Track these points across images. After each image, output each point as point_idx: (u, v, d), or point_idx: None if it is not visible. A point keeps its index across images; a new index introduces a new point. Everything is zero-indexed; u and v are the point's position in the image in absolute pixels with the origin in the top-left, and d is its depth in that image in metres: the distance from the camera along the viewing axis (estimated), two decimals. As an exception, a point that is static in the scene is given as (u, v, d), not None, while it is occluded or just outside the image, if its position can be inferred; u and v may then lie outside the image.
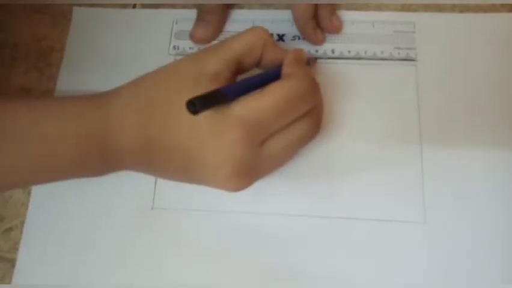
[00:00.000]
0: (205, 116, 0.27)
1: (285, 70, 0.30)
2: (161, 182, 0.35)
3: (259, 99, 0.27)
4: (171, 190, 0.35)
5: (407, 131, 0.35)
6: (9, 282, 0.34)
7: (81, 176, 0.31)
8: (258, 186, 0.34)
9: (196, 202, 0.34)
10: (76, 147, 0.28)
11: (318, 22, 0.37)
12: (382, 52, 0.37)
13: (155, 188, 0.35)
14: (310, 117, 0.30)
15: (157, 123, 0.28)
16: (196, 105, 0.25)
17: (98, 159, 0.29)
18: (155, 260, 0.33)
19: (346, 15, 0.38)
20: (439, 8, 0.38)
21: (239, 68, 0.30)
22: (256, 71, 0.32)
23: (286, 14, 0.38)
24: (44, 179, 0.30)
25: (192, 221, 0.34)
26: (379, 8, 0.38)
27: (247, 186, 0.29)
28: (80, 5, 0.41)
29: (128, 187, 0.35)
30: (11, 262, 0.34)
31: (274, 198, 0.34)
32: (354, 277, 0.32)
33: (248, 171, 0.28)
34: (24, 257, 0.34)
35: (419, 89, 0.36)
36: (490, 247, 0.32)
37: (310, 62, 0.35)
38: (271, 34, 0.31)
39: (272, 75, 0.30)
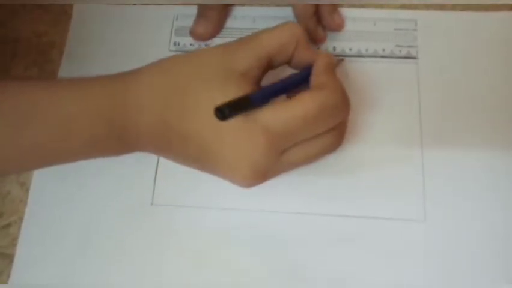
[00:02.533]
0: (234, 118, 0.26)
1: (317, 79, 0.29)
2: (160, 178, 0.35)
3: (288, 109, 0.27)
4: (171, 186, 0.35)
5: (407, 129, 0.35)
6: (7, 278, 0.34)
7: (97, 156, 0.30)
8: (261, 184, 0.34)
9: (195, 199, 0.34)
10: (95, 127, 0.28)
11: (320, 20, 0.37)
12: (383, 50, 0.37)
13: (154, 184, 0.35)
14: (336, 131, 0.29)
15: (176, 109, 0.28)
16: (225, 112, 0.25)
17: (116, 139, 0.29)
18: (154, 256, 0.33)
19: (347, 13, 0.38)
20: (440, 6, 0.38)
21: (269, 65, 0.30)
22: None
23: (288, 12, 0.38)
24: (60, 159, 0.30)
25: (191, 218, 0.34)
26: (380, 5, 0.38)
27: (260, 184, 0.29)
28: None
29: (127, 183, 0.35)
30: (9, 258, 0.34)
31: (274, 197, 0.34)
32: (355, 275, 0.32)
33: (265, 173, 0.28)
34: (22, 252, 0.34)
35: (420, 87, 0.36)
36: (489, 246, 0.32)
37: (337, 62, 0.35)
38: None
39: (300, 78, 0.29)
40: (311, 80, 0.29)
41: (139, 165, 0.35)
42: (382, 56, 0.37)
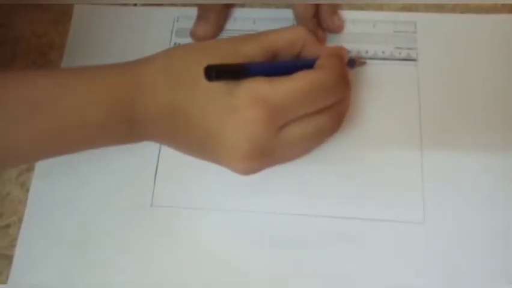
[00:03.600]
0: (230, 92, 0.28)
1: (319, 61, 0.30)
2: (160, 179, 0.35)
3: (285, 82, 0.28)
4: (170, 187, 0.35)
5: (407, 131, 0.35)
6: (7, 279, 0.33)
7: (106, 143, 0.31)
8: (259, 184, 0.34)
9: (195, 200, 0.34)
10: (104, 112, 0.29)
11: (320, 22, 0.37)
12: (383, 52, 0.37)
13: (154, 185, 0.35)
14: (333, 112, 0.30)
15: (183, 91, 0.29)
16: (212, 71, 0.26)
17: (125, 123, 0.30)
18: (153, 257, 0.33)
19: (347, 15, 0.38)
20: (440, 8, 0.38)
21: (274, 59, 0.31)
22: None
23: (288, 13, 0.38)
24: (70, 147, 0.31)
25: (191, 219, 0.34)
26: (380, 7, 0.38)
27: (257, 171, 0.29)
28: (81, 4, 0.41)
29: (127, 184, 0.35)
30: (9, 259, 0.34)
31: (274, 197, 0.34)
32: (354, 276, 0.32)
33: (263, 153, 0.28)
34: (21, 253, 0.34)
35: (420, 89, 0.36)
36: (489, 247, 0.32)
37: (356, 62, 0.35)
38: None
39: (305, 65, 0.30)
40: (315, 64, 0.30)
41: (138, 166, 0.35)
42: (382, 58, 0.37)
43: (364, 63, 0.37)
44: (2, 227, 0.35)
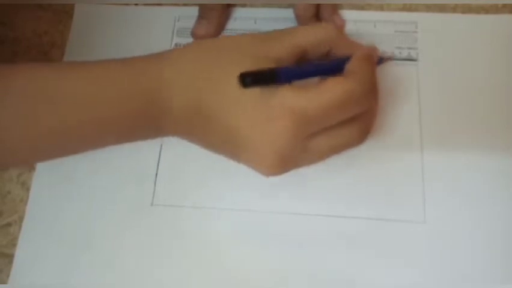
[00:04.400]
0: (261, 101, 0.27)
1: (350, 65, 0.29)
2: (161, 178, 0.35)
3: (316, 93, 0.27)
4: (171, 187, 0.35)
5: (407, 131, 0.35)
6: (7, 278, 0.34)
7: (127, 139, 0.31)
8: (260, 184, 0.34)
9: (196, 199, 0.34)
10: (129, 106, 0.28)
11: (320, 21, 0.37)
12: (384, 52, 0.37)
13: (155, 184, 0.35)
14: (361, 122, 0.30)
15: (209, 89, 0.28)
16: (247, 79, 0.26)
17: (148, 117, 0.29)
18: (154, 256, 0.33)
19: (348, 15, 0.38)
20: (441, 9, 0.38)
21: (303, 58, 0.30)
22: None
23: (289, 13, 0.38)
24: (91, 144, 0.30)
25: (191, 218, 0.34)
26: (381, 7, 0.38)
27: (281, 174, 0.29)
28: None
29: (127, 183, 0.35)
30: (9, 257, 0.34)
31: (275, 197, 0.34)
32: (354, 276, 0.32)
33: (289, 161, 0.28)
34: (22, 252, 0.34)
35: (420, 89, 0.36)
36: (489, 247, 0.32)
37: (384, 59, 0.35)
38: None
39: (335, 66, 0.29)
40: (345, 67, 0.29)
41: (139, 165, 0.35)
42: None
43: (390, 59, 0.36)
44: (3, 225, 0.35)
